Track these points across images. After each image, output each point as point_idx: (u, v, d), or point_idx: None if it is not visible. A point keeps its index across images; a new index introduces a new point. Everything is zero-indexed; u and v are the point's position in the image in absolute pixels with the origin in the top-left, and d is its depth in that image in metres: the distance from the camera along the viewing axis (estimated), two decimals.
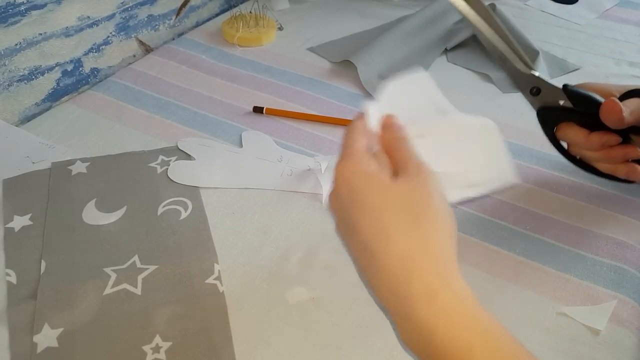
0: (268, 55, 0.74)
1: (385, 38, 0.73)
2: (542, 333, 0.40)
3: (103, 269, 0.42)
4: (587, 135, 0.44)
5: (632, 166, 0.44)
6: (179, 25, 0.81)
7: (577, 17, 0.86)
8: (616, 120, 0.42)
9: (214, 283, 0.42)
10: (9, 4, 0.56)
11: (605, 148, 0.44)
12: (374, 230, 0.31)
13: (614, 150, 0.44)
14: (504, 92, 0.67)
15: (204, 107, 0.63)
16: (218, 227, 0.47)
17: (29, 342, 0.37)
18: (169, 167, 0.53)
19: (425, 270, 0.29)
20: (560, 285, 0.43)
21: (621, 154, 0.44)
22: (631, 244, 0.46)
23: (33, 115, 0.62)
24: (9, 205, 0.48)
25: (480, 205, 0.50)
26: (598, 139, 0.44)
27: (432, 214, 0.31)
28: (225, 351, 0.37)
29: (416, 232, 0.30)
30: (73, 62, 0.66)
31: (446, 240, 0.31)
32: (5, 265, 0.43)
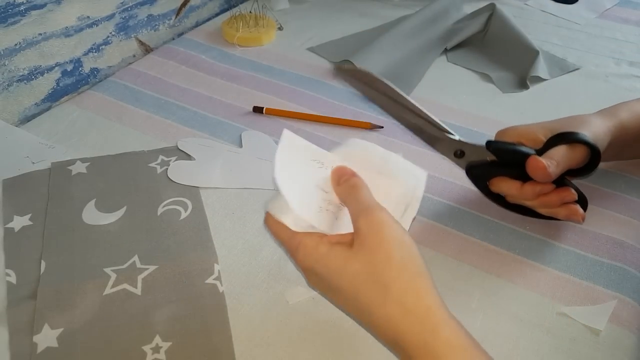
0: (268, 55, 0.74)
1: (385, 38, 0.73)
2: (542, 333, 0.40)
3: (103, 269, 0.42)
4: (520, 187, 0.44)
5: (570, 208, 0.44)
6: (178, 25, 0.81)
7: (577, 17, 0.86)
8: (543, 177, 0.42)
9: (214, 283, 0.42)
10: (9, 4, 0.56)
11: (541, 196, 0.44)
12: (355, 309, 0.33)
13: (550, 197, 0.44)
14: (504, 92, 0.67)
15: (204, 107, 0.63)
16: (218, 227, 0.47)
17: (29, 342, 0.37)
18: (168, 167, 0.53)
19: (411, 331, 0.31)
20: (560, 285, 0.43)
21: (557, 199, 0.44)
22: (631, 244, 0.46)
23: (33, 115, 0.62)
24: (9, 206, 0.48)
25: (480, 205, 0.50)
26: (531, 190, 0.44)
27: (396, 271, 0.32)
28: (225, 351, 0.37)
29: (390, 299, 0.31)
30: (73, 62, 0.66)
31: (420, 292, 0.32)
32: (5, 265, 0.43)
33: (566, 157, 0.42)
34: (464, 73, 0.72)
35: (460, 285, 0.43)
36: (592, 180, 0.53)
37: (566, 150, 0.42)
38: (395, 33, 0.75)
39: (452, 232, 0.48)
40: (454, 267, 0.44)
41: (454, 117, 0.62)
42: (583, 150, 0.43)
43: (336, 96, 0.66)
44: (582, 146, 0.43)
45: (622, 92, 0.68)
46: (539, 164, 0.41)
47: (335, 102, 0.65)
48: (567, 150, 0.42)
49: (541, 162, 0.41)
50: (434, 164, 0.55)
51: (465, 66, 0.73)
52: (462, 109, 0.64)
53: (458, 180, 0.53)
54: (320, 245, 0.34)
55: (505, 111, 0.64)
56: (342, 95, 0.66)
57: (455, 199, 0.51)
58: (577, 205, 0.44)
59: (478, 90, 0.68)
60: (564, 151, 0.42)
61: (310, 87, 0.67)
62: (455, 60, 0.74)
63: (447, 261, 0.45)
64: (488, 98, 0.66)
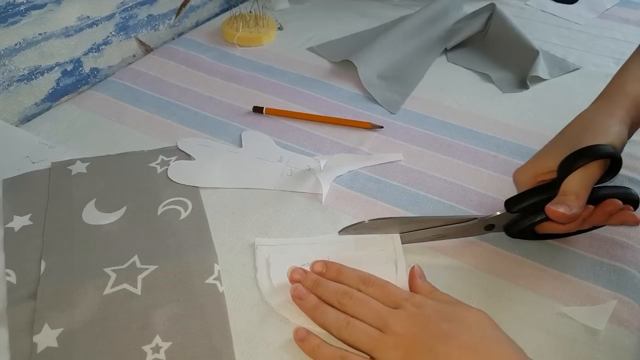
0: (268, 55, 0.74)
1: (385, 38, 0.73)
2: (542, 333, 0.40)
3: (103, 269, 0.42)
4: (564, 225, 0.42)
5: (622, 216, 0.41)
6: (178, 25, 0.81)
7: (577, 17, 0.86)
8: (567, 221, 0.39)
9: (214, 283, 0.42)
10: (9, 4, 0.56)
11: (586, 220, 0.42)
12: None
13: (596, 217, 0.42)
14: (504, 92, 0.67)
15: (204, 107, 0.63)
16: (218, 227, 0.47)
17: (28, 342, 0.37)
18: (168, 167, 0.53)
19: None
20: (560, 285, 0.43)
21: (604, 215, 0.41)
22: (631, 244, 0.46)
23: (33, 115, 0.62)
24: (8, 205, 0.48)
25: (480, 206, 0.50)
26: (574, 223, 0.42)
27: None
28: (225, 351, 0.37)
29: None
30: (73, 62, 0.66)
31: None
32: (5, 265, 0.43)
33: (583, 183, 0.39)
34: (464, 73, 0.72)
35: (460, 285, 0.43)
36: None
37: (581, 175, 0.39)
38: (395, 33, 0.75)
39: None
40: (454, 267, 0.44)
41: (454, 117, 0.62)
42: (598, 164, 0.39)
43: (336, 96, 0.66)
44: (599, 161, 0.39)
45: None
46: (556, 213, 0.38)
47: (335, 102, 0.65)
48: (582, 175, 0.39)
49: (557, 211, 0.38)
50: (435, 164, 0.55)
51: (465, 66, 0.73)
52: (462, 109, 0.64)
53: (458, 180, 0.53)
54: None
55: (505, 111, 0.64)
56: (342, 95, 0.66)
57: (455, 199, 0.51)
58: (627, 210, 0.41)
59: (478, 90, 0.68)
60: (578, 179, 0.39)
61: (310, 87, 0.67)
62: (455, 60, 0.74)
63: (447, 261, 0.45)
64: (488, 98, 0.66)
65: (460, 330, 0.35)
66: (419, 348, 0.34)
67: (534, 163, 0.43)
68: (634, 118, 0.42)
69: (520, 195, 0.42)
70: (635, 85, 0.43)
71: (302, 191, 0.51)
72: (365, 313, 0.37)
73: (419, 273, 0.42)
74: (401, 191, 0.52)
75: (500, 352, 0.33)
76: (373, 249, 0.45)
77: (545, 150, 0.43)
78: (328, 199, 0.51)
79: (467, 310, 0.37)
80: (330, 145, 0.58)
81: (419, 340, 0.35)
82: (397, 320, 0.36)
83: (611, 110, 0.42)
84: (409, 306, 0.37)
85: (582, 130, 0.41)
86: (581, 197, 0.39)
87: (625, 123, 0.41)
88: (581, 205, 0.39)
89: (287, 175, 0.53)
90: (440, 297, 0.39)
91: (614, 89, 0.44)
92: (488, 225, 0.44)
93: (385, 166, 0.55)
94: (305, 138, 0.59)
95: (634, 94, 0.43)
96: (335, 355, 0.36)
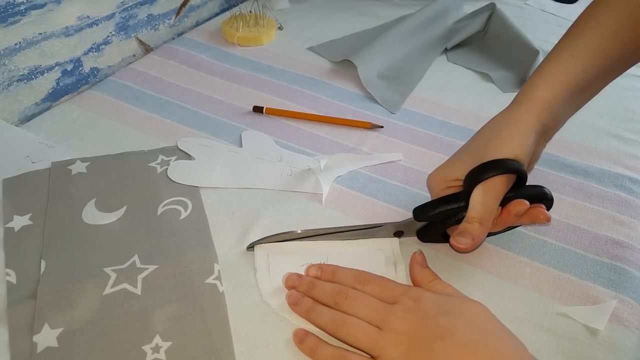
0: (268, 54, 0.74)
1: (385, 38, 0.73)
2: (542, 333, 0.40)
3: (103, 268, 0.42)
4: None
5: (531, 214, 0.41)
6: (178, 25, 0.81)
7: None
8: (469, 250, 0.42)
9: (214, 283, 0.42)
10: (9, 4, 0.56)
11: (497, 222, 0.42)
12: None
13: (505, 219, 0.42)
14: (504, 92, 0.67)
15: (204, 107, 0.63)
16: (218, 227, 0.47)
17: (29, 342, 0.37)
18: (168, 167, 0.53)
19: None
20: (560, 285, 0.43)
21: (511, 216, 0.41)
22: (631, 244, 0.46)
23: (33, 115, 0.62)
24: (9, 205, 0.48)
25: None
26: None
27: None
28: (225, 351, 0.37)
29: None
30: (73, 62, 0.66)
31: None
32: (5, 265, 0.43)
33: (485, 204, 0.39)
34: (464, 73, 0.72)
35: (460, 285, 0.43)
36: (592, 180, 0.53)
37: (483, 193, 0.39)
38: (395, 33, 0.75)
39: None
40: (454, 267, 0.44)
41: (454, 117, 0.62)
42: (502, 179, 0.39)
43: (336, 96, 0.66)
44: (502, 176, 0.39)
45: (622, 91, 0.68)
46: (459, 249, 0.40)
47: (335, 101, 0.65)
48: (485, 192, 0.39)
49: (459, 247, 0.39)
50: (435, 164, 0.55)
51: (465, 66, 0.73)
52: (462, 108, 0.64)
53: None
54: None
55: None
56: (342, 94, 0.66)
57: None
58: (538, 207, 0.41)
59: (478, 90, 0.68)
60: (480, 198, 0.39)
61: (310, 87, 0.67)
62: (455, 60, 0.74)
63: (447, 261, 0.45)
64: (488, 98, 0.66)
65: (458, 325, 0.34)
66: (418, 345, 0.34)
67: (444, 170, 0.44)
68: (547, 122, 0.42)
69: (428, 204, 0.42)
70: (545, 89, 0.42)
71: (302, 191, 0.51)
72: (362, 311, 0.37)
73: (420, 260, 0.42)
74: (401, 191, 0.52)
75: (500, 348, 0.33)
76: (372, 250, 0.45)
77: (455, 158, 0.44)
78: (328, 199, 0.51)
79: (466, 303, 0.37)
80: (330, 145, 0.58)
81: (418, 337, 0.34)
82: (394, 316, 0.36)
83: (519, 117, 0.42)
84: (407, 300, 0.37)
85: (488, 140, 0.41)
86: (485, 222, 0.39)
87: (533, 130, 0.41)
88: (484, 231, 0.39)
89: (287, 175, 0.53)
90: (439, 287, 0.39)
91: (524, 94, 0.43)
92: (397, 231, 0.45)
93: (385, 166, 0.55)
94: (305, 138, 0.59)
95: (544, 97, 0.42)
96: (335, 354, 0.36)
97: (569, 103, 0.43)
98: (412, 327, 0.35)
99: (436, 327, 0.34)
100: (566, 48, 0.43)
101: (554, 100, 0.42)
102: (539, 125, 0.41)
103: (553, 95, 0.42)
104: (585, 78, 0.42)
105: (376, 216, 0.49)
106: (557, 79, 0.42)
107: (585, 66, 0.42)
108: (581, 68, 0.42)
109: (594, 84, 0.43)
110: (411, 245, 0.46)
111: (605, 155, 0.57)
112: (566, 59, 0.43)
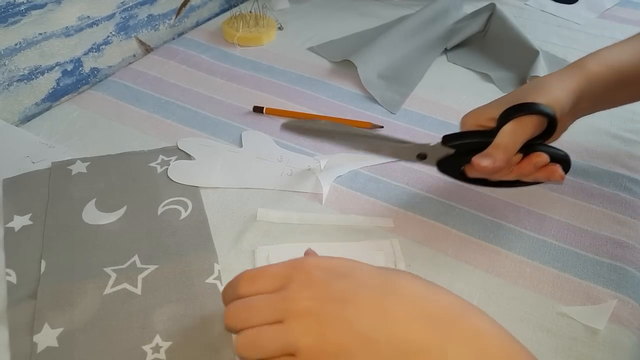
0: (268, 55, 0.74)
1: (385, 38, 0.73)
2: (542, 333, 0.40)
3: (103, 268, 0.42)
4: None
5: (547, 170, 0.42)
6: (179, 25, 0.81)
7: (577, 17, 0.86)
8: (489, 174, 0.42)
9: (214, 283, 0.42)
10: (9, 4, 0.56)
11: (515, 168, 0.43)
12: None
13: (523, 166, 0.43)
14: (504, 92, 0.67)
15: (204, 107, 0.63)
16: (218, 227, 0.47)
17: (29, 342, 0.37)
18: (169, 167, 0.53)
19: None
20: (560, 285, 0.43)
21: (530, 166, 0.42)
22: (631, 244, 0.47)
23: (33, 115, 0.62)
24: (9, 205, 0.48)
25: (480, 205, 0.50)
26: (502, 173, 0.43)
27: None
28: (225, 351, 0.37)
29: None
30: (73, 62, 0.66)
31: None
32: (5, 265, 0.43)
33: (514, 136, 0.41)
34: (464, 73, 0.72)
35: (460, 285, 0.43)
36: (592, 180, 0.53)
37: (513, 127, 0.41)
38: (395, 33, 0.75)
39: (452, 232, 0.48)
40: (454, 267, 0.44)
41: (454, 117, 0.62)
42: (534, 120, 0.41)
43: (336, 96, 0.66)
44: (533, 117, 0.41)
45: None
46: (479, 166, 0.41)
47: (336, 101, 0.65)
48: (515, 127, 0.41)
49: (480, 164, 0.41)
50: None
51: (465, 66, 0.73)
52: (462, 109, 0.64)
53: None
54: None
55: None
56: (342, 95, 0.66)
57: (456, 199, 0.51)
58: (555, 166, 0.42)
59: (478, 90, 0.68)
60: (510, 131, 0.41)
61: (310, 87, 0.67)
62: (455, 60, 0.74)
63: (447, 261, 0.45)
64: (488, 98, 0.65)
65: (360, 281, 0.31)
66: (329, 319, 0.29)
67: (480, 108, 0.46)
68: (584, 93, 0.43)
69: (458, 133, 0.45)
70: (593, 62, 0.45)
71: (302, 191, 0.51)
72: (257, 316, 0.31)
73: (310, 252, 0.38)
74: (401, 191, 0.52)
75: (407, 285, 0.31)
76: (372, 250, 0.45)
77: (493, 101, 0.46)
78: (328, 199, 0.51)
79: (352, 261, 0.33)
80: (330, 145, 0.58)
81: (325, 312, 0.30)
82: (291, 300, 0.30)
83: (562, 77, 0.44)
84: (297, 275, 0.32)
85: (529, 89, 0.44)
86: (509, 150, 0.41)
87: (572, 91, 0.43)
88: (506, 159, 0.41)
89: (287, 175, 0.53)
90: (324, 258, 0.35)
91: (574, 63, 0.46)
92: (421, 154, 0.45)
93: (385, 166, 0.55)
94: (305, 138, 0.59)
95: (590, 69, 0.44)
96: None
97: (606, 89, 0.45)
98: (315, 303, 0.30)
99: (340, 291, 0.30)
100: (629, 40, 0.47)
101: (597, 77, 0.44)
102: (578, 91, 0.43)
103: (599, 71, 0.44)
104: (632, 72, 0.45)
105: (376, 216, 0.49)
106: (608, 59, 0.45)
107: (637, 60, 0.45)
108: (632, 61, 0.45)
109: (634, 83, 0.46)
110: (412, 245, 0.46)
111: (605, 155, 0.57)
112: (624, 47, 0.46)
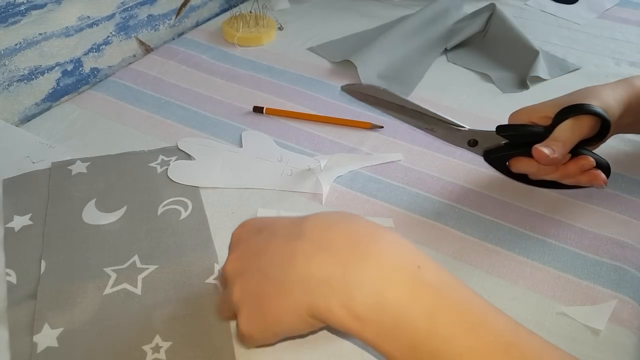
0: (268, 55, 0.74)
1: (385, 38, 0.73)
2: (542, 333, 0.39)
3: (103, 268, 0.42)
4: (538, 164, 0.45)
5: (590, 174, 0.45)
6: (179, 25, 0.81)
7: (577, 17, 0.86)
8: (548, 163, 0.44)
9: (214, 283, 0.42)
10: (9, 4, 0.56)
11: (560, 168, 0.45)
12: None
13: (568, 167, 0.45)
14: (504, 92, 0.67)
15: (204, 107, 0.63)
16: (218, 227, 0.47)
17: (29, 342, 0.37)
18: (169, 167, 0.53)
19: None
20: (560, 285, 0.43)
21: (575, 168, 0.45)
22: (631, 244, 0.46)
23: (33, 115, 0.62)
24: (9, 205, 0.48)
25: (480, 205, 0.50)
26: (548, 170, 0.46)
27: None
28: (225, 351, 0.37)
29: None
30: (73, 62, 0.66)
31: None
32: (5, 265, 0.43)
33: (572, 132, 0.43)
34: (464, 73, 0.72)
35: None
36: None
37: (572, 124, 0.43)
38: (395, 33, 0.75)
39: (452, 232, 0.48)
40: (454, 267, 0.44)
41: (454, 117, 0.62)
42: (590, 120, 0.43)
43: (336, 96, 0.66)
44: (589, 117, 0.43)
45: None
46: (541, 153, 0.43)
47: (336, 102, 0.65)
48: (573, 124, 0.43)
49: (542, 151, 0.42)
50: (435, 164, 0.55)
51: (465, 66, 0.73)
52: (462, 109, 0.64)
53: (458, 180, 0.53)
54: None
55: (505, 111, 0.63)
56: (342, 95, 0.66)
57: (455, 199, 0.51)
58: (597, 170, 0.45)
59: (478, 90, 0.68)
60: (569, 127, 0.43)
61: (310, 87, 0.67)
62: (455, 60, 0.74)
63: (447, 261, 0.45)
64: (488, 98, 0.66)
65: (274, 232, 0.32)
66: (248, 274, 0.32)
67: (532, 107, 0.48)
68: (632, 104, 0.47)
69: (513, 124, 0.48)
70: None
71: (302, 191, 0.51)
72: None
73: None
74: (401, 191, 0.52)
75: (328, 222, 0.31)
76: None
77: (546, 101, 0.47)
78: (328, 199, 0.51)
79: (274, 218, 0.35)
80: (330, 145, 0.58)
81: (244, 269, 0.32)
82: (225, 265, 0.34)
83: (614, 88, 0.47)
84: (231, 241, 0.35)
85: (583, 93, 0.46)
86: (567, 144, 0.43)
87: (622, 102, 0.46)
88: (564, 152, 0.43)
89: (287, 175, 0.53)
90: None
91: (624, 79, 0.49)
92: (472, 140, 0.48)
93: (385, 166, 0.55)
94: (305, 138, 0.59)
95: (637, 85, 0.48)
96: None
97: None
98: (239, 262, 0.33)
99: (256, 245, 0.32)
100: None
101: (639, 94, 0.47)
102: (627, 103, 0.46)
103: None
104: None
105: (375, 216, 0.49)
106: None
107: None
108: None
109: None
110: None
111: (604, 155, 0.57)
112: None
